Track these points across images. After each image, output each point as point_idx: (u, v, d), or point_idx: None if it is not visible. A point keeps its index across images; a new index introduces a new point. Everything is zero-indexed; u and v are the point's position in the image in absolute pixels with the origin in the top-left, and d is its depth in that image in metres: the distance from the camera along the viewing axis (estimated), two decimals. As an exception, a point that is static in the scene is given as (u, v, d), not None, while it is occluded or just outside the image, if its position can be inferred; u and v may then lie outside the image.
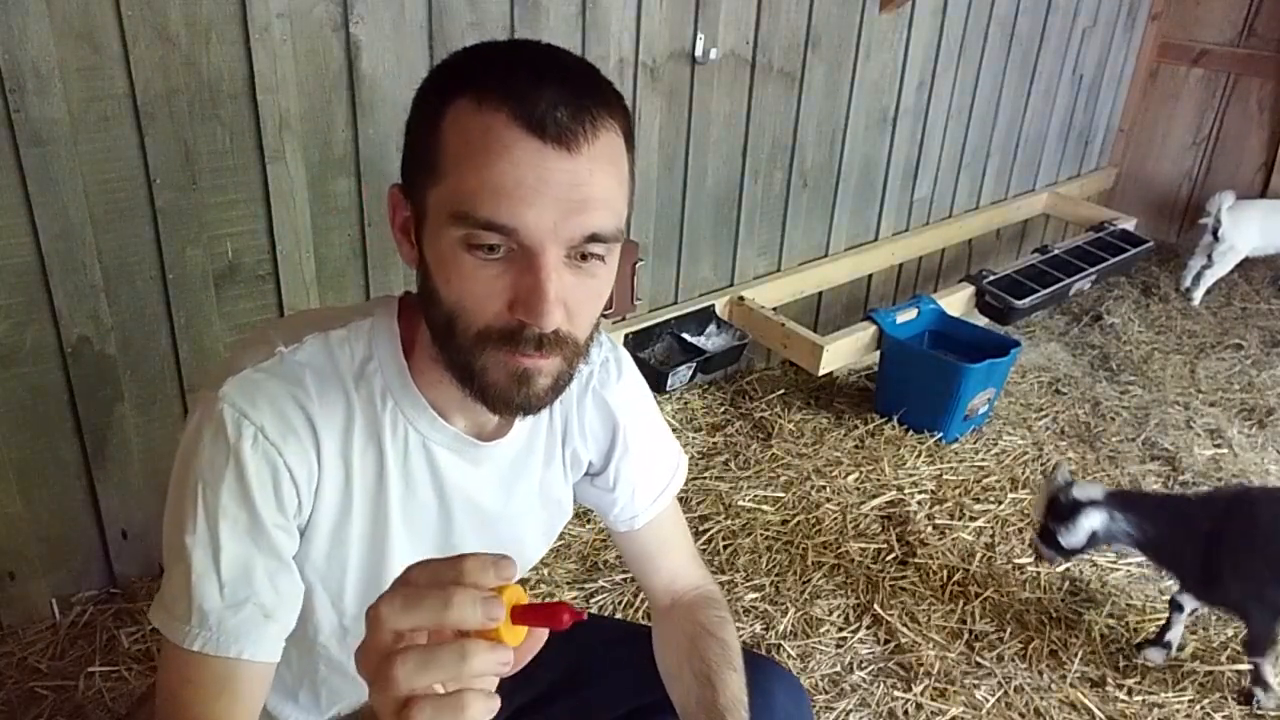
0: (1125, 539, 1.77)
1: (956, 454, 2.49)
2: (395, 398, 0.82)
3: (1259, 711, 1.76)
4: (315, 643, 0.87)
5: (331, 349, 0.80)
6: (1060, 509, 1.78)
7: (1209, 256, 3.41)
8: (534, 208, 0.68)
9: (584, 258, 0.72)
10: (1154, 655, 1.83)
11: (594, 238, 0.70)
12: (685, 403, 2.64)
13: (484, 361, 0.73)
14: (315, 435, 0.78)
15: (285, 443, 0.76)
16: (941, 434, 2.53)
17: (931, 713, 1.70)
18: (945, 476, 2.39)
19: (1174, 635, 1.83)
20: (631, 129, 0.75)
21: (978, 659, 1.83)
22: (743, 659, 0.98)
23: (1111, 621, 1.94)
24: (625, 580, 1.96)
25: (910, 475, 2.39)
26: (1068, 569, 2.05)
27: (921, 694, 1.74)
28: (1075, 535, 1.76)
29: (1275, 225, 3.42)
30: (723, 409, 2.64)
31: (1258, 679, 1.77)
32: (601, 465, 1.00)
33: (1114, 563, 2.09)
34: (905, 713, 1.70)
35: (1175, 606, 1.82)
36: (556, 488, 0.98)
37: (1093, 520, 1.75)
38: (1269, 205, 3.52)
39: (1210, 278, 3.44)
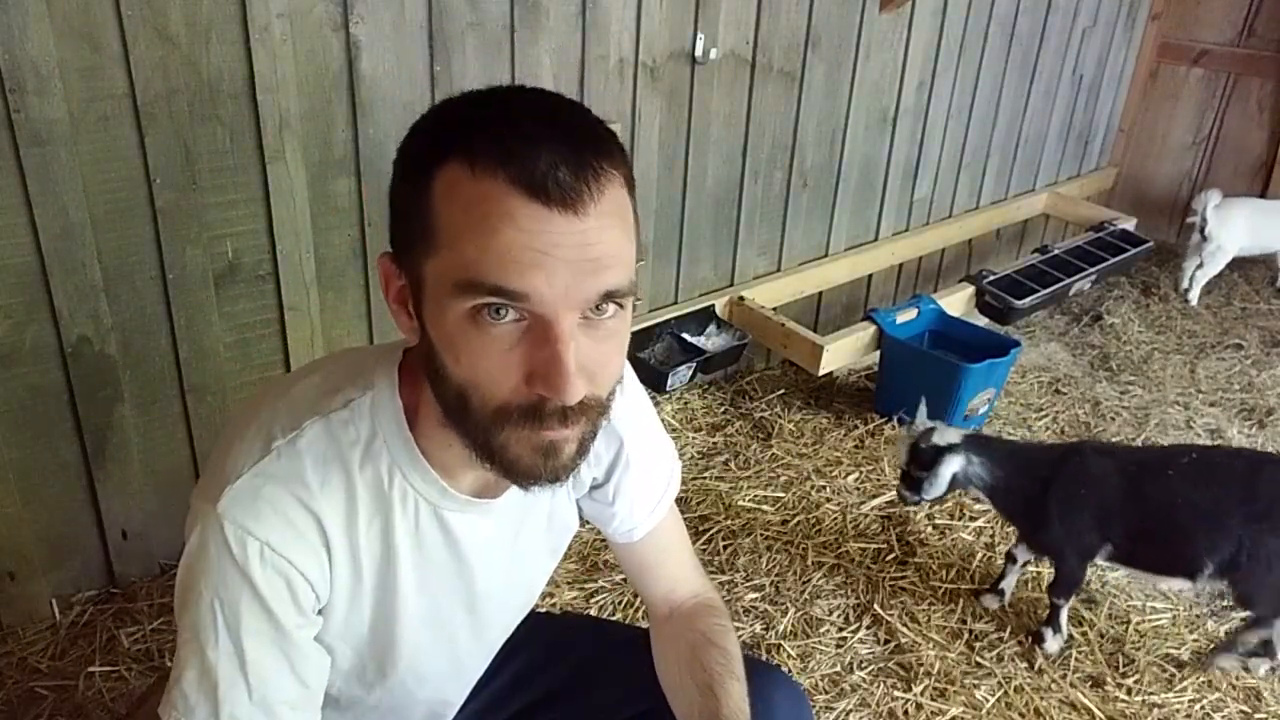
0: (979, 482, 1.84)
1: (956, 454, 2.49)
2: (403, 472, 0.80)
3: (1044, 652, 1.85)
4: (332, 684, 0.87)
5: (334, 433, 0.77)
6: (922, 456, 1.84)
7: (1200, 256, 3.41)
8: (544, 273, 0.64)
9: (600, 313, 0.69)
10: (989, 601, 1.96)
11: (609, 296, 0.67)
12: (685, 403, 2.64)
13: (504, 439, 0.70)
14: (323, 531, 0.76)
15: (294, 550, 0.75)
16: (941, 434, 2.53)
17: (931, 713, 1.70)
18: (945, 476, 2.39)
19: (1007, 584, 1.96)
20: (631, 172, 0.71)
21: (978, 659, 1.83)
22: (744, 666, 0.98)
23: (1112, 621, 1.94)
24: (625, 580, 1.96)
25: (910, 475, 2.38)
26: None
27: (921, 694, 1.74)
28: (938, 483, 1.82)
29: (1263, 223, 3.41)
30: (723, 409, 2.64)
31: (1053, 620, 1.86)
32: (604, 479, 0.99)
33: (1113, 564, 2.08)
34: (905, 713, 1.70)
35: (1010, 559, 1.95)
36: (563, 512, 0.97)
37: (952, 465, 1.81)
38: (1256, 204, 3.50)
39: (1203, 277, 3.44)
